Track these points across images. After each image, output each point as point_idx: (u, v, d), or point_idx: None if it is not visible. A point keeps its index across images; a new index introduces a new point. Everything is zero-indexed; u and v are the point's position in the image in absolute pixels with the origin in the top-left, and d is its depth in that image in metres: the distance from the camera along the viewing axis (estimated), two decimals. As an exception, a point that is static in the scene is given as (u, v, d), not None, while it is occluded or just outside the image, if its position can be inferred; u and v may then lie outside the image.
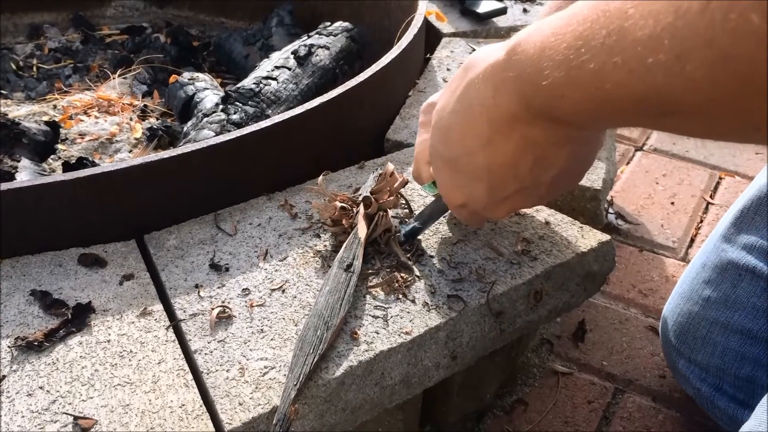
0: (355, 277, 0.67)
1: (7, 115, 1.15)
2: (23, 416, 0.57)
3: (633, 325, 1.05)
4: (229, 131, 0.94)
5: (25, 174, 0.96)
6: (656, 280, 1.14)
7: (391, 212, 0.76)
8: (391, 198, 0.74)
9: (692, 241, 1.22)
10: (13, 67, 1.41)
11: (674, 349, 0.87)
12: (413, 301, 0.68)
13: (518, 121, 0.52)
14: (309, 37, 1.20)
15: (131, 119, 1.22)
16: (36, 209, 0.72)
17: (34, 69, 1.42)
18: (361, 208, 0.74)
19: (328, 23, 1.24)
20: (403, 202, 0.79)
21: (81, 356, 0.62)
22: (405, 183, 0.75)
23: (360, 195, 0.76)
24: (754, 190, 0.84)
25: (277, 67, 1.11)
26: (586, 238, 0.78)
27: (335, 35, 1.21)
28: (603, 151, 0.92)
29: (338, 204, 0.74)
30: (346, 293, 0.66)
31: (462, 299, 0.69)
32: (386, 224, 0.73)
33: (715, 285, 0.83)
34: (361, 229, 0.72)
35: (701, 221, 1.28)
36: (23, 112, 1.23)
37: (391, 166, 0.75)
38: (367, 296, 0.69)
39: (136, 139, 1.16)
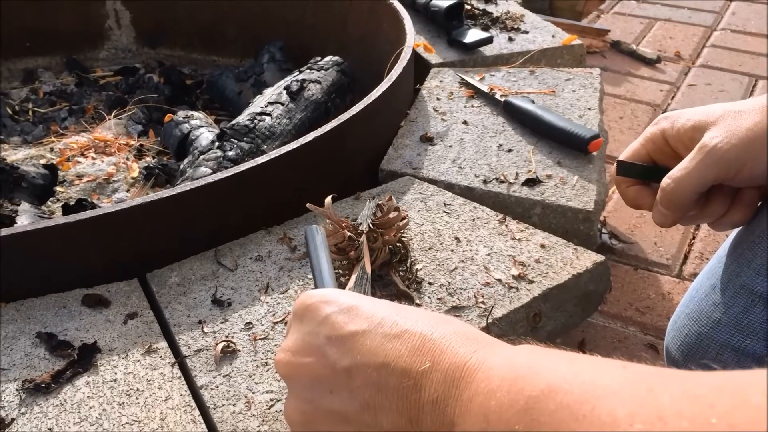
0: None
1: (5, 159, 1.17)
2: (33, 459, 0.57)
3: (632, 343, 1.06)
4: (225, 168, 0.96)
5: (26, 217, 0.98)
6: (652, 297, 1.15)
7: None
8: (396, 235, 0.75)
9: (686, 257, 1.24)
10: (9, 111, 1.43)
11: (683, 368, 0.86)
12: (414, 329, 0.69)
13: None
14: (300, 72, 1.23)
15: (128, 159, 1.23)
16: (39, 253, 0.73)
17: (30, 113, 1.44)
18: (364, 239, 0.73)
19: (319, 58, 1.26)
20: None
21: (88, 396, 0.63)
22: (407, 220, 0.75)
23: (359, 224, 0.76)
24: None
25: (270, 103, 1.13)
26: (581, 259, 0.79)
27: (326, 69, 1.23)
28: (593, 173, 0.94)
29: (347, 233, 0.73)
30: None
31: (462, 324, 0.70)
32: (385, 257, 0.74)
33: (726, 308, 0.82)
34: (368, 264, 0.71)
35: (693, 238, 1.29)
36: (21, 156, 1.25)
37: (394, 201, 0.76)
38: (369, 325, 0.70)
39: (133, 178, 1.18)
